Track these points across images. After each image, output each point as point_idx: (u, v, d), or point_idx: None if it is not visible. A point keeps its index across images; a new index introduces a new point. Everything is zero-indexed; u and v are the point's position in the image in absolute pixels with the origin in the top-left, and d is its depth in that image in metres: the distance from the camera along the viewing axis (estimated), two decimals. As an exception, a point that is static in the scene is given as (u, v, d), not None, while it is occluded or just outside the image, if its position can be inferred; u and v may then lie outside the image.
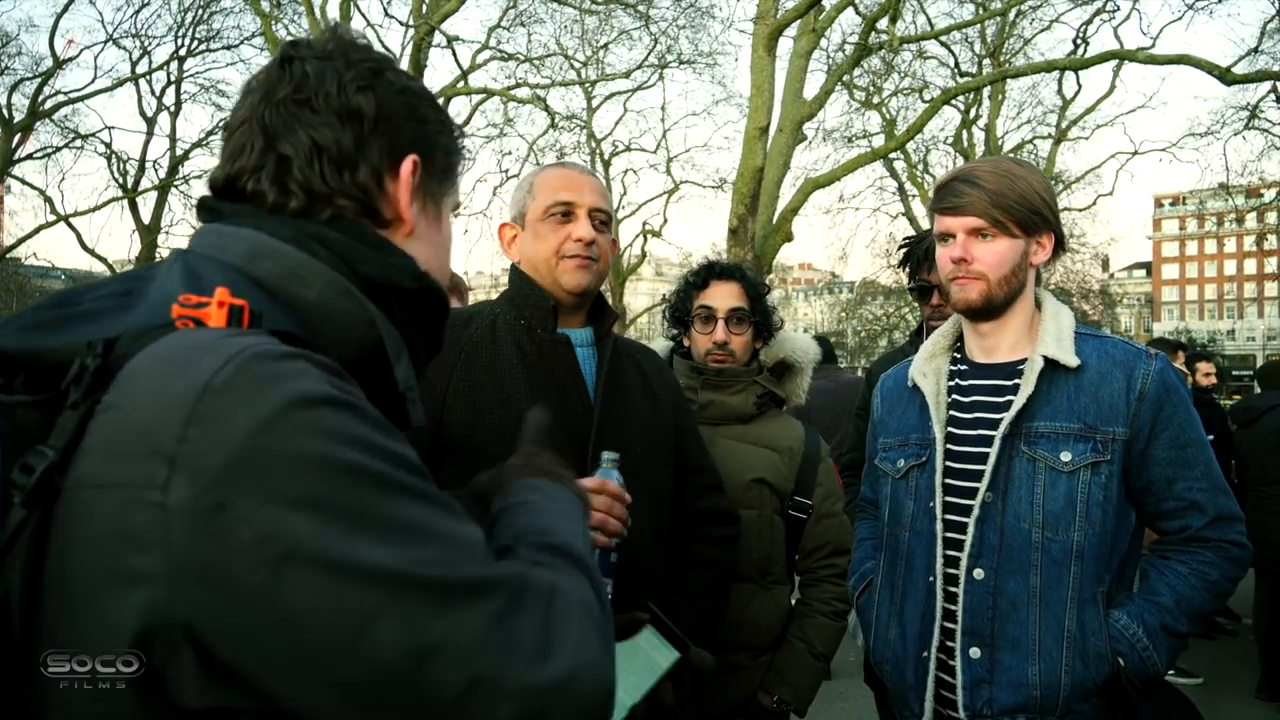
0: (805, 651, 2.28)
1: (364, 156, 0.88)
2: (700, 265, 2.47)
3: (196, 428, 0.65)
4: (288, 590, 0.65)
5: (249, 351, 0.69)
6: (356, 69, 0.89)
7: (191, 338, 0.71)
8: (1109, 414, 1.65)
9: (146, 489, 0.65)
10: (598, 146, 24.75)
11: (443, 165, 0.96)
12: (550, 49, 20.28)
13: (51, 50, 21.42)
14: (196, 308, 0.74)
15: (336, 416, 0.70)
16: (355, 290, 0.83)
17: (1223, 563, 1.66)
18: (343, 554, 0.66)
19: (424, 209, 0.94)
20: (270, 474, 0.66)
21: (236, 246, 0.83)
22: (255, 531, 0.65)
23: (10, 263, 25.39)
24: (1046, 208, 1.73)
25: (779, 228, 12.68)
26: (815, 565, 2.36)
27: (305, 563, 0.65)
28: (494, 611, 0.72)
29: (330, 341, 0.81)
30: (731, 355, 2.33)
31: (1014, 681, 1.63)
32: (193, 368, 0.67)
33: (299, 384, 0.69)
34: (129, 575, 0.65)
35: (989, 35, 20.76)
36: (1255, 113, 17.84)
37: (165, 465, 0.65)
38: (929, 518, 1.76)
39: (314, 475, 0.67)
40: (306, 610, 0.65)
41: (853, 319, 37.44)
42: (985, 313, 1.76)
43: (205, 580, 0.65)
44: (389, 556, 0.68)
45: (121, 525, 0.65)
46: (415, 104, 0.92)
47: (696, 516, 1.95)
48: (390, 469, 0.72)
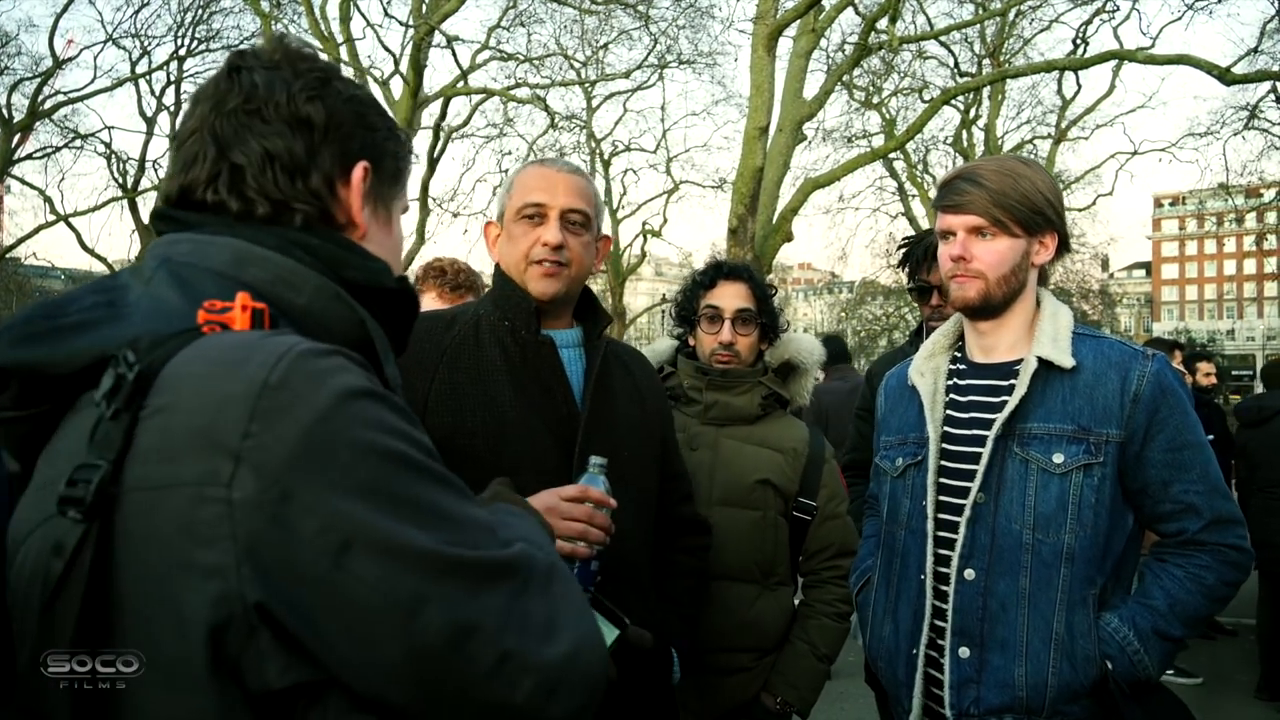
0: (808, 653, 2.28)
1: (316, 164, 0.90)
2: (708, 264, 2.46)
3: (259, 423, 0.69)
4: (347, 579, 0.70)
5: (296, 350, 0.73)
6: (305, 78, 0.91)
7: (234, 340, 0.75)
8: (1103, 416, 1.65)
9: (210, 485, 0.68)
10: (597, 146, 24.74)
11: (391, 170, 0.99)
12: (550, 49, 20.29)
13: (51, 50, 21.40)
14: (222, 312, 0.77)
15: (376, 408, 0.75)
16: (344, 294, 0.86)
17: (1220, 566, 1.65)
18: (395, 540, 0.71)
19: (375, 213, 0.96)
20: (329, 464, 0.70)
21: (219, 254, 0.84)
22: (319, 521, 0.69)
23: (10, 263, 25.38)
24: (1050, 207, 1.73)
25: (779, 228, 12.68)
26: (819, 566, 2.36)
27: (362, 550, 0.70)
28: (512, 591, 0.77)
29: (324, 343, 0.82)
30: (737, 356, 2.33)
31: (1001, 682, 1.63)
32: (246, 366, 0.71)
33: (344, 378, 0.74)
34: (199, 569, 0.69)
35: (989, 35, 20.76)
36: (1255, 113, 17.84)
37: (230, 461, 0.68)
38: (922, 516, 1.77)
39: (366, 464, 0.72)
40: (363, 594, 0.70)
41: (852, 319, 37.43)
42: (983, 311, 1.76)
43: (273, 567, 0.69)
44: (432, 541, 0.74)
45: (187, 522, 0.68)
46: (364, 112, 0.94)
47: (676, 524, 1.95)
48: (422, 456, 0.78)
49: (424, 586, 0.72)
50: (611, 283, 26.67)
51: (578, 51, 20.60)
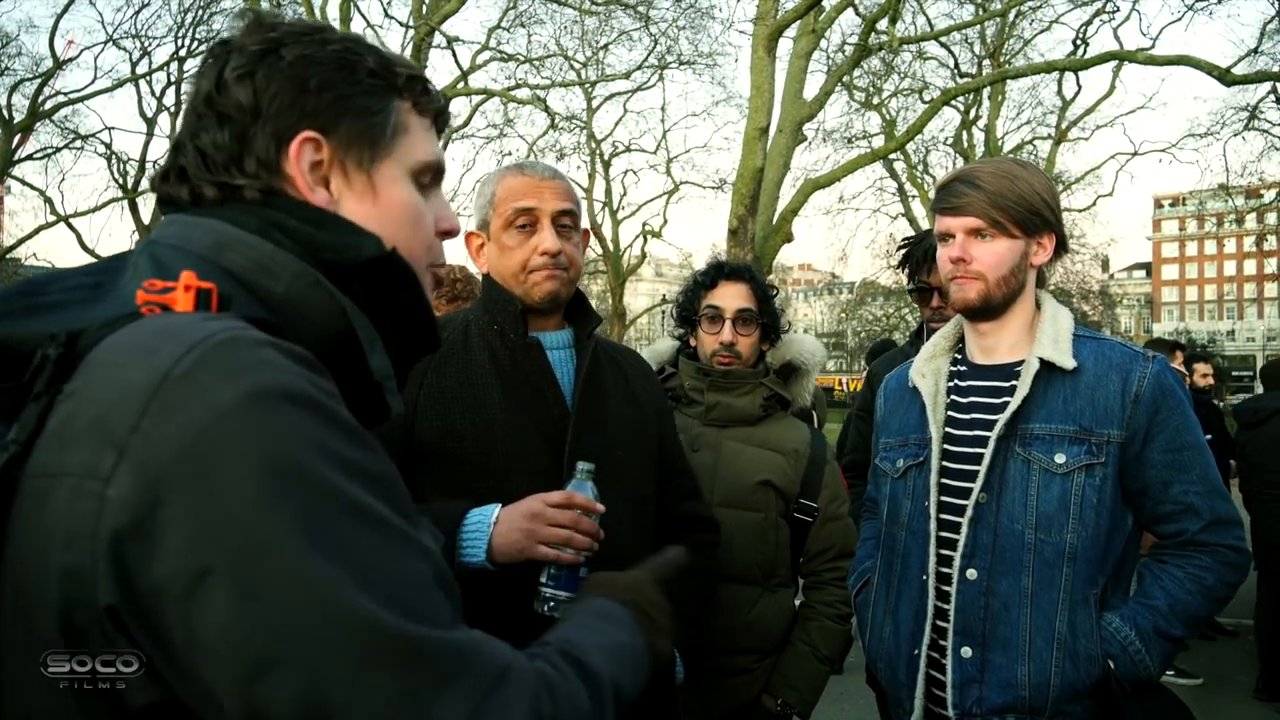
0: (809, 654, 2.28)
1: (248, 148, 0.83)
2: (709, 265, 2.46)
3: (150, 418, 0.62)
4: (197, 611, 0.61)
5: (216, 338, 0.65)
6: (243, 55, 0.84)
7: (158, 323, 0.68)
8: (1104, 416, 1.66)
9: (89, 478, 0.62)
10: (598, 147, 24.77)
11: (358, 130, 0.86)
12: (550, 50, 20.30)
13: (51, 51, 21.42)
14: (162, 293, 0.71)
15: (298, 414, 0.65)
16: (324, 280, 0.80)
17: (1219, 567, 1.66)
18: (260, 577, 0.61)
19: (348, 182, 0.86)
20: (215, 473, 0.62)
21: (203, 238, 0.80)
22: (184, 538, 0.61)
23: (10, 263, 25.37)
24: (1047, 208, 1.74)
25: (779, 228, 12.69)
26: (820, 568, 2.36)
27: (221, 581, 0.61)
28: (411, 684, 0.63)
29: (303, 333, 0.77)
30: (738, 356, 2.33)
31: (1003, 681, 1.64)
32: (157, 354, 0.64)
33: (263, 376, 0.65)
34: (62, 565, 0.63)
35: (989, 36, 20.77)
36: (1255, 113, 17.86)
37: (114, 454, 0.62)
38: (924, 517, 1.77)
39: (258, 479, 0.62)
40: (209, 638, 0.61)
41: (852, 320, 37.47)
42: (983, 313, 1.77)
43: (128, 576, 0.62)
44: (311, 588, 0.62)
45: (66, 514, 0.63)
46: (308, 74, 0.83)
47: (680, 522, 1.93)
48: (343, 482, 0.66)
49: (281, 644, 0.60)
50: (611, 283, 26.68)
51: (578, 52, 20.63)
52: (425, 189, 0.93)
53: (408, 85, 0.90)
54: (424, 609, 0.67)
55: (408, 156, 0.90)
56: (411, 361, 0.92)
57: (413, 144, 0.90)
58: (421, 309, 0.88)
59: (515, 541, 1.48)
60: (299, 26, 0.87)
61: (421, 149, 0.91)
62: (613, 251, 26.48)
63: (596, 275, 29.24)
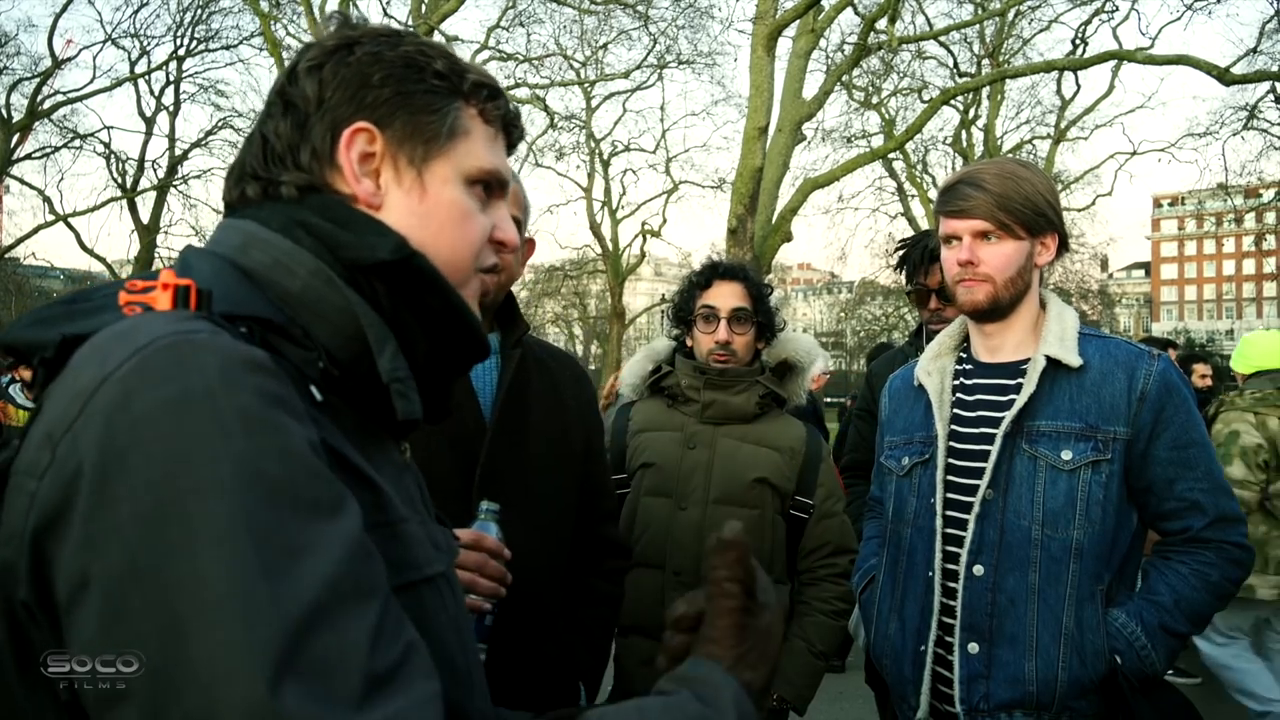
0: (805, 650, 2.29)
1: (306, 138, 0.83)
2: (704, 264, 2.47)
3: (83, 419, 0.61)
4: (73, 622, 0.59)
5: (161, 340, 0.64)
6: (317, 49, 0.86)
7: (125, 325, 0.67)
8: (1110, 414, 1.66)
9: (29, 476, 0.63)
10: (597, 146, 24.78)
11: (414, 126, 0.85)
12: (549, 49, 20.34)
13: (50, 50, 21.43)
14: (143, 292, 0.71)
15: (215, 426, 0.61)
16: (337, 279, 0.79)
17: (1224, 564, 1.67)
18: (126, 608, 0.57)
19: (398, 177, 0.85)
20: (120, 477, 0.59)
21: (232, 238, 0.81)
22: (76, 542, 0.59)
23: (9, 262, 25.40)
24: (1050, 209, 1.74)
25: (778, 228, 12.70)
26: (815, 565, 2.36)
27: (94, 600, 0.58)
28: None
29: (319, 332, 0.77)
30: (733, 355, 2.33)
31: (1011, 677, 1.64)
32: (106, 358, 0.64)
33: (190, 381, 0.62)
34: (1, 561, 0.63)
35: (988, 35, 20.80)
36: (1254, 113, 17.90)
37: (49, 453, 0.62)
38: (930, 514, 1.78)
39: (151, 492, 0.59)
40: (82, 642, 0.58)
41: (852, 319, 37.50)
42: (991, 314, 1.77)
43: (37, 573, 0.61)
44: (173, 627, 0.56)
45: (9, 511, 0.63)
46: (373, 71, 0.84)
47: (596, 546, 1.86)
48: (252, 505, 0.60)
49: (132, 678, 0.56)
50: (611, 282, 26.70)
51: (577, 51, 20.66)
52: (485, 196, 0.91)
53: (474, 90, 0.89)
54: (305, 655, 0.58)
55: (464, 160, 0.88)
56: (456, 368, 0.90)
57: (471, 149, 0.89)
58: (454, 313, 0.85)
59: None
60: (379, 29, 0.88)
61: (480, 155, 0.89)
62: (612, 251, 26.48)
63: (596, 275, 29.26)
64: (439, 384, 0.88)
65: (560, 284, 30.71)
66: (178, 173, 24.26)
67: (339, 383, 0.77)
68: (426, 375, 0.84)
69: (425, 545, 0.82)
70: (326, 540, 0.62)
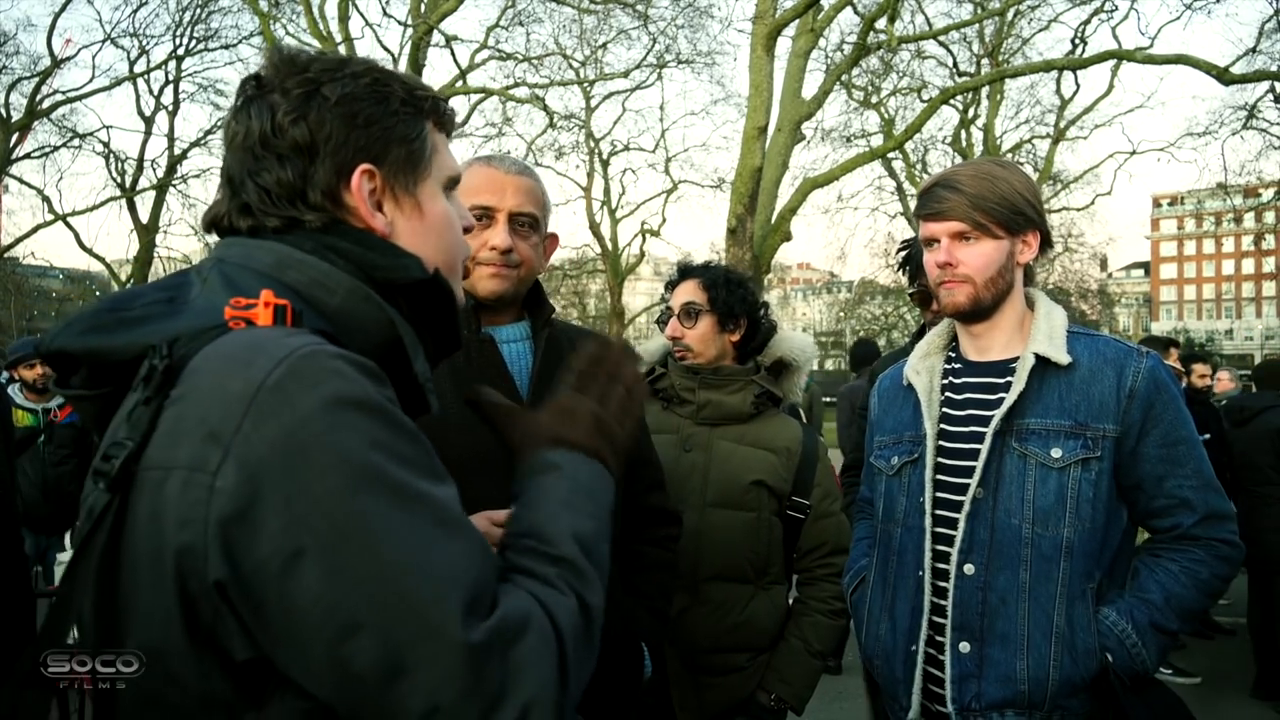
0: (803, 650, 2.29)
1: (311, 183, 0.92)
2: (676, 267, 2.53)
3: (250, 420, 0.73)
4: (293, 584, 0.72)
5: (299, 352, 0.77)
6: (289, 98, 0.92)
7: (248, 337, 0.79)
8: (1099, 411, 1.67)
9: (199, 470, 0.74)
10: (596, 146, 24.78)
11: (403, 156, 0.96)
12: (549, 48, 20.31)
13: (49, 49, 21.45)
14: (246, 309, 0.83)
15: (367, 420, 0.76)
16: (374, 295, 0.90)
17: (1214, 561, 1.67)
18: (342, 558, 0.72)
19: (399, 205, 0.96)
20: (303, 469, 0.73)
21: (264, 257, 0.90)
22: (280, 523, 0.72)
23: (8, 262, 25.39)
24: (1029, 206, 1.75)
25: (777, 227, 12.70)
26: (813, 564, 2.37)
27: (313, 560, 0.72)
28: (467, 652, 0.73)
29: (354, 342, 0.87)
30: (689, 350, 2.35)
31: (1002, 676, 1.65)
32: (251, 366, 0.76)
33: (337, 385, 0.76)
34: (178, 542, 0.74)
35: (987, 35, 20.80)
36: (1253, 112, 17.88)
37: (220, 451, 0.73)
38: (920, 513, 1.78)
39: (338, 474, 0.73)
40: (303, 606, 0.72)
41: (851, 318, 37.49)
42: (974, 315, 1.78)
43: (234, 555, 0.73)
44: (385, 573, 0.73)
45: (178, 501, 0.74)
46: (355, 111, 0.93)
47: (643, 514, 1.91)
48: (406, 476, 0.77)
49: (364, 615, 0.72)
50: (610, 282, 26.70)
51: (576, 51, 20.65)
52: (450, 195, 1.03)
53: (432, 108, 1.00)
54: (464, 585, 0.76)
55: (440, 172, 1.00)
56: (436, 362, 1.01)
57: (441, 160, 1.01)
58: (454, 319, 0.99)
59: None
60: (325, 62, 0.95)
61: (448, 163, 1.02)
62: (611, 250, 26.48)
63: (595, 274, 29.26)
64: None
65: (559, 283, 30.70)
66: (177, 172, 24.26)
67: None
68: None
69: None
70: (452, 500, 0.81)
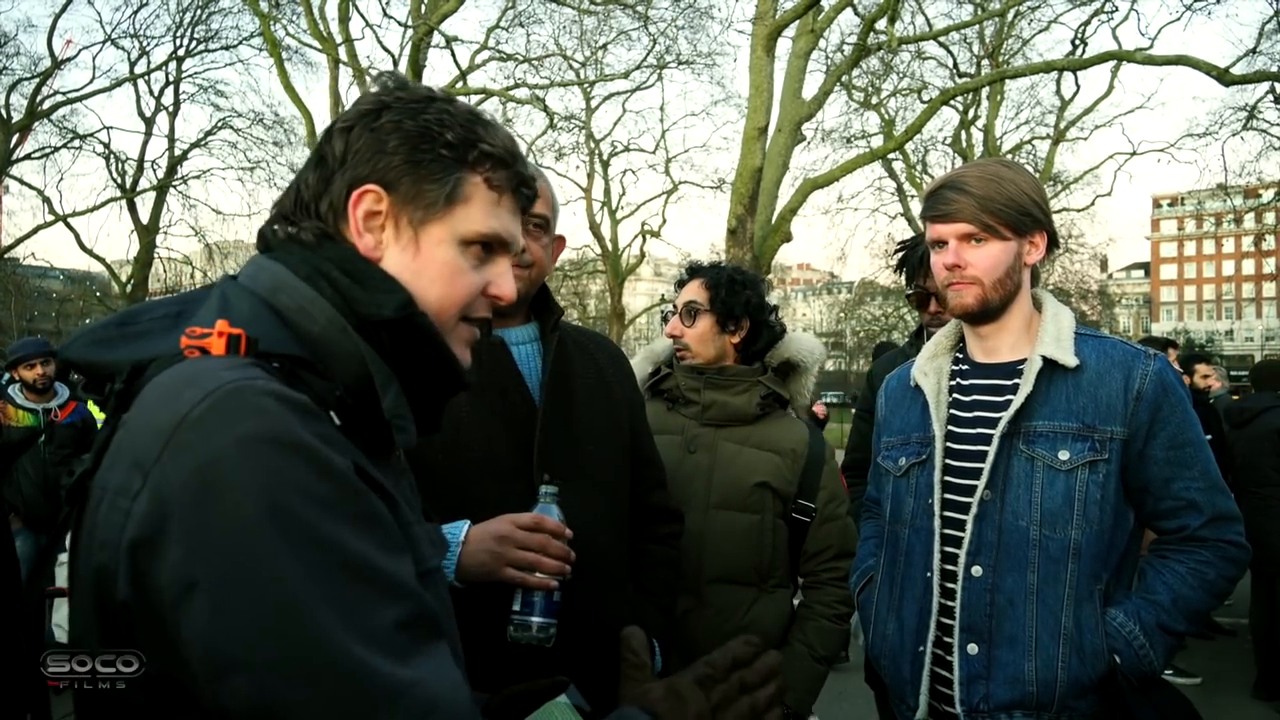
0: (807, 654, 2.28)
1: (327, 192, 0.97)
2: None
3: (169, 452, 0.75)
4: (183, 616, 0.73)
5: (226, 387, 0.78)
6: (354, 110, 0.98)
7: (190, 368, 0.81)
8: (1107, 413, 1.67)
9: (123, 495, 0.76)
10: (596, 147, 24.77)
11: (412, 193, 0.96)
12: (549, 49, 20.33)
13: (50, 50, 21.44)
14: (201, 338, 0.84)
15: (285, 458, 0.76)
16: (350, 329, 0.92)
17: (1220, 562, 1.67)
18: (231, 601, 0.72)
19: (398, 234, 0.97)
20: (208, 504, 0.73)
21: (266, 280, 0.94)
22: (179, 554, 0.73)
23: (9, 262, 25.37)
24: (1036, 207, 1.75)
25: (778, 228, 12.69)
26: (818, 568, 2.35)
27: (202, 595, 0.72)
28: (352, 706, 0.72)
29: (335, 370, 0.90)
30: (688, 349, 2.36)
31: (1010, 678, 1.65)
32: (179, 399, 0.77)
33: (256, 422, 0.76)
34: (97, 565, 0.77)
35: (987, 36, 20.81)
36: (1253, 113, 17.89)
37: (140, 478, 0.75)
38: (928, 514, 1.78)
39: (240, 512, 0.73)
40: (189, 639, 0.73)
41: (851, 319, 37.47)
42: (982, 317, 1.78)
43: (138, 579, 0.75)
44: (271, 616, 0.72)
45: (103, 523, 0.77)
46: (389, 138, 0.96)
47: (647, 513, 1.93)
48: (316, 519, 0.75)
49: (242, 653, 0.71)
50: (610, 283, 26.68)
51: (576, 52, 20.66)
52: (484, 255, 1.01)
53: (479, 160, 0.99)
54: (374, 638, 0.75)
55: (461, 225, 0.98)
56: (442, 399, 1.03)
57: (470, 214, 0.99)
58: (441, 358, 0.98)
59: (483, 563, 1.47)
60: (416, 94, 0.99)
61: (477, 220, 0.99)
62: (611, 251, 26.47)
63: (595, 275, 29.25)
64: (432, 407, 1.01)
65: (560, 284, 30.70)
66: (177, 173, 24.27)
67: (353, 410, 0.89)
68: (422, 402, 0.98)
69: (425, 543, 0.96)
70: (373, 546, 0.78)
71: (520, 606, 1.46)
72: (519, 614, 1.45)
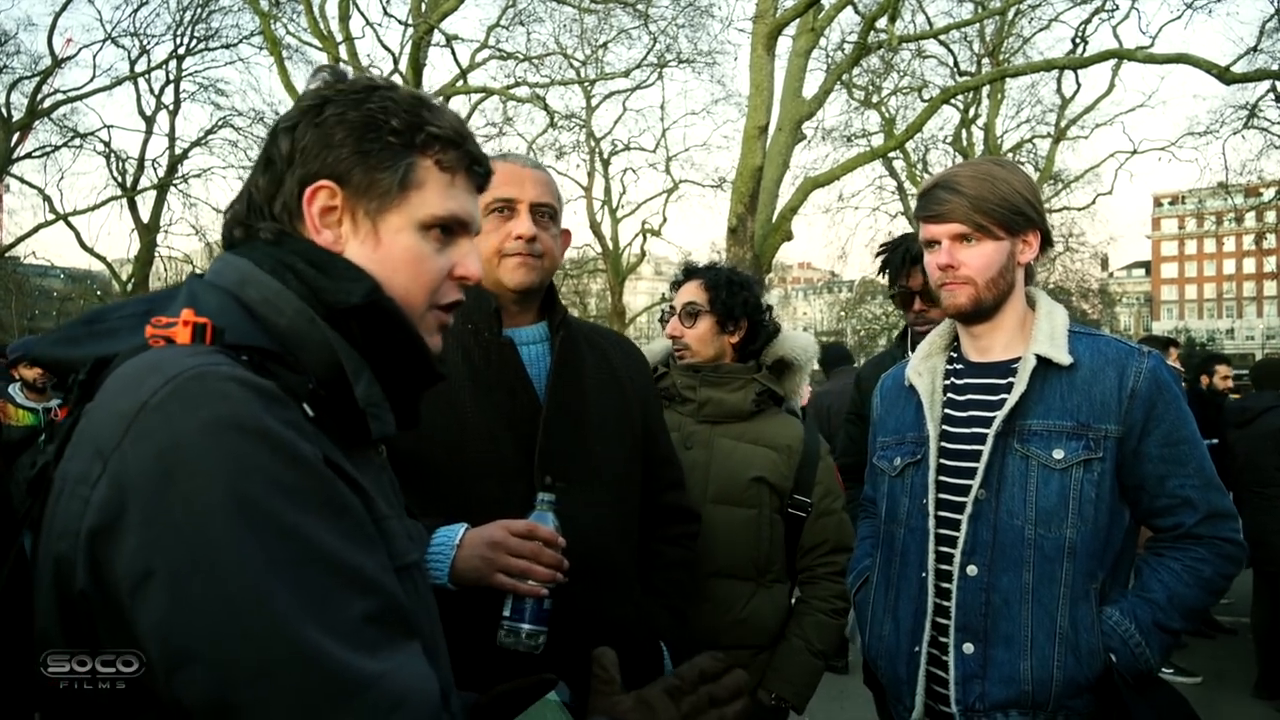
0: (804, 649, 2.29)
1: (280, 193, 0.96)
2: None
3: (129, 438, 0.74)
4: (140, 605, 0.71)
5: (188, 373, 0.76)
6: (297, 108, 0.98)
7: (154, 356, 0.80)
8: (1101, 411, 1.67)
9: (83, 484, 0.75)
10: (597, 145, 24.76)
11: (365, 184, 0.95)
12: (549, 48, 20.29)
13: (50, 49, 21.44)
14: (167, 327, 0.83)
15: (248, 444, 0.75)
16: (318, 319, 0.91)
17: (1216, 559, 1.67)
18: (188, 590, 0.71)
19: (355, 227, 0.96)
20: (168, 490, 0.72)
21: (232, 275, 0.93)
22: (137, 541, 0.72)
23: (9, 261, 25.40)
24: (1029, 206, 1.74)
25: (778, 227, 12.69)
26: (814, 563, 2.36)
27: (160, 583, 0.71)
28: (311, 697, 0.70)
29: (305, 361, 0.89)
30: (687, 349, 2.37)
31: (1006, 677, 1.65)
32: (141, 386, 0.76)
33: (218, 407, 0.75)
34: (56, 554, 0.76)
35: (988, 34, 20.77)
36: (1254, 112, 17.88)
37: (100, 466, 0.75)
38: (923, 514, 1.78)
39: (202, 499, 0.72)
40: (145, 629, 0.72)
41: (852, 318, 37.44)
42: (975, 316, 1.78)
43: (96, 568, 0.74)
44: (228, 606, 0.71)
45: (63, 512, 0.76)
46: (334, 131, 0.95)
47: (661, 513, 1.92)
48: (280, 507, 0.74)
49: (197, 644, 0.70)
50: (611, 281, 26.67)
51: (577, 50, 20.63)
52: (445, 238, 1.00)
53: (427, 143, 0.98)
54: (338, 630, 0.73)
55: (417, 210, 0.97)
56: (417, 390, 1.01)
57: (425, 198, 0.98)
58: (412, 345, 0.97)
59: (475, 568, 1.47)
60: (357, 84, 0.98)
61: (433, 203, 0.98)
62: (612, 250, 26.46)
63: (596, 274, 29.25)
64: (408, 398, 1.00)
65: (560, 283, 30.67)
66: (178, 171, 24.27)
67: (326, 401, 0.88)
68: (397, 392, 0.97)
69: (403, 538, 0.94)
70: (339, 536, 0.77)
71: (510, 613, 1.46)
72: (509, 620, 1.46)
